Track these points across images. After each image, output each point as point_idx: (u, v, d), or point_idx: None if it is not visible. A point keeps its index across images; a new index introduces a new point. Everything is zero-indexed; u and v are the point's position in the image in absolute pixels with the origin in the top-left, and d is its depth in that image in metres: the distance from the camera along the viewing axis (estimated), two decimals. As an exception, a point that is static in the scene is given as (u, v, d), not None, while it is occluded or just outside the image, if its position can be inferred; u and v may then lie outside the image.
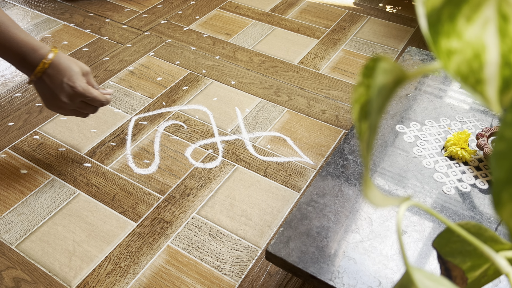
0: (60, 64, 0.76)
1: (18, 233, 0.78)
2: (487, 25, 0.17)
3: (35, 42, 0.75)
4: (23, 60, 0.75)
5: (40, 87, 0.77)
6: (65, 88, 0.76)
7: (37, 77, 0.76)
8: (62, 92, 0.76)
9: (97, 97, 0.79)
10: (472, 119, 0.81)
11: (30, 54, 0.74)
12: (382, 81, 0.19)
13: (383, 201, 0.22)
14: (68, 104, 0.78)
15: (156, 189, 0.86)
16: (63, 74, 0.76)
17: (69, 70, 0.76)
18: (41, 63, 0.74)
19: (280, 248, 0.60)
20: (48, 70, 0.75)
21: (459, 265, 0.33)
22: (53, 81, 0.75)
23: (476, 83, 0.18)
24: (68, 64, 0.76)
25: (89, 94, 0.78)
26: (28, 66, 0.75)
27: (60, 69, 0.75)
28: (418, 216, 0.64)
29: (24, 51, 0.74)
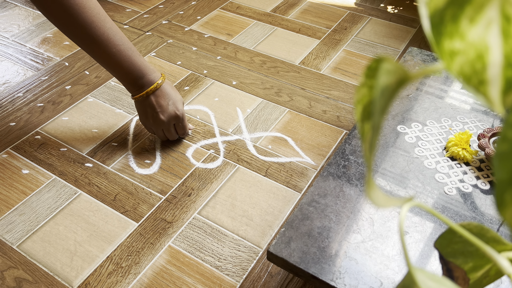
0: (167, 89, 0.88)
1: (20, 233, 0.78)
2: (490, 26, 0.17)
3: (150, 66, 0.86)
4: (137, 81, 0.85)
5: (143, 104, 0.87)
6: (169, 109, 0.88)
7: (148, 94, 0.86)
8: (165, 112, 0.87)
9: (186, 126, 0.93)
10: (474, 119, 0.81)
11: (145, 77, 0.85)
12: (385, 82, 0.19)
13: (386, 202, 0.22)
14: (164, 124, 0.89)
15: (158, 189, 0.86)
16: (169, 97, 0.88)
17: (175, 96, 0.89)
18: (155, 83, 0.85)
19: (281, 249, 0.60)
20: (157, 91, 0.86)
21: (461, 266, 0.33)
22: (160, 101, 0.87)
23: (479, 84, 0.18)
24: (173, 91, 0.89)
25: (184, 121, 0.91)
26: (139, 86, 0.86)
27: (167, 93, 0.87)
28: (420, 216, 0.64)
29: (140, 73, 0.84)
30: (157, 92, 0.86)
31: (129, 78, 0.84)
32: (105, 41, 0.79)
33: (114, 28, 0.80)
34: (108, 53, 0.80)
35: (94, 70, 1.16)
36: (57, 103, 1.06)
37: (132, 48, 0.83)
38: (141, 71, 0.84)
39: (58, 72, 1.15)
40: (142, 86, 0.85)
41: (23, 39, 1.28)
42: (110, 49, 0.80)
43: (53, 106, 1.05)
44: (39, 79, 1.13)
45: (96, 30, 0.77)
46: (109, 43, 0.79)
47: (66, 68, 1.17)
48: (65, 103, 1.06)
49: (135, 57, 0.83)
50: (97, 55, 0.81)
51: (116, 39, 0.80)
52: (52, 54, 1.22)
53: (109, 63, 0.82)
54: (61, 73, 1.15)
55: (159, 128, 0.90)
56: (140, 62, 0.84)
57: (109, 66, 0.83)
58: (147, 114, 0.88)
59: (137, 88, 0.86)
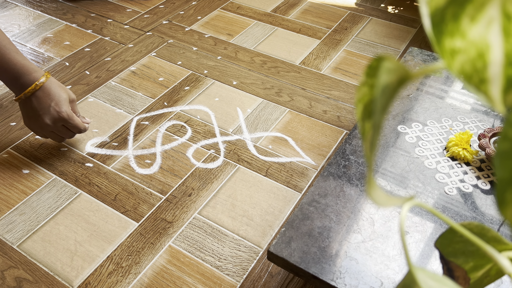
0: (50, 88, 0.81)
1: (20, 233, 0.78)
2: (491, 25, 0.17)
3: (31, 65, 0.81)
4: (16, 80, 0.80)
5: (25, 106, 0.82)
6: (51, 111, 0.82)
7: (26, 96, 0.81)
8: (47, 115, 0.82)
9: (78, 125, 0.86)
10: (474, 119, 0.81)
11: (24, 76, 0.80)
12: (386, 81, 0.19)
13: (387, 201, 0.22)
14: (50, 126, 0.83)
15: (158, 189, 0.86)
16: (51, 98, 0.81)
17: (58, 95, 0.82)
18: (34, 84, 0.80)
19: (281, 248, 0.60)
20: (38, 92, 0.81)
21: (462, 266, 0.33)
22: (41, 103, 0.81)
23: (480, 83, 0.18)
24: (57, 90, 0.82)
25: (72, 121, 0.84)
26: (19, 86, 0.80)
27: (50, 93, 0.81)
28: (420, 216, 0.64)
29: (19, 72, 0.80)
30: (37, 93, 0.81)
31: (6, 78, 0.80)
32: None
33: None
34: None
35: (95, 70, 1.16)
36: (57, 103, 1.06)
37: (9, 46, 0.79)
38: (18, 70, 0.79)
39: (58, 72, 1.15)
40: (22, 87, 0.80)
41: (24, 39, 1.28)
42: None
43: (53, 106, 1.05)
44: (40, 79, 1.13)
45: None
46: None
47: (67, 68, 1.17)
48: (65, 103, 1.06)
49: (11, 55, 0.79)
50: None
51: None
52: (52, 54, 1.22)
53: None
54: (62, 73, 1.15)
55: (46, 132, 0.85)
56: (17, 61, 0.79)
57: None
58: (30, 117, 0.83)
59: (18, 89, 0.81)
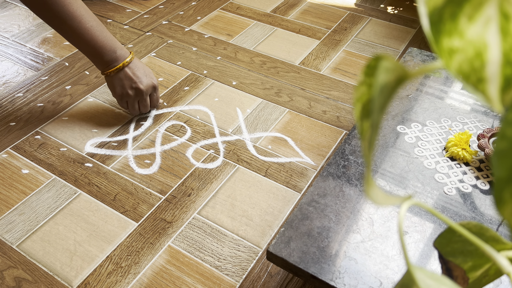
0: (140, 62, 0.94)
1: (20, 233, 0.78)
2: (489, 24, 0.17)
3: (119, 43, 0.91)
4: (110, 56, 0.90)
5: (118, 78, 0.92)
6: (146, 78, 0.94)
7: (123, 67, 0.91)
8: (143, 82, 0.93)
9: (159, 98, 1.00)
10: (473, 119, 0.81)
11: (119, 50, 0.90)
12: (384, 80, 0.19)
13: (385, 200, 0.22)
14: (143, 93, 0.94)
15: (157, 189, 0.86)
16: (143, 69, 0.94)
17: (147, 68, 0.95)
18: (129, 57, 0.92)
19: (281, 248, 0.60)
20: (131, 64, 0.92)
21: (460, 265, 0.33)
22: (135, 73, 0.92)
23: (477, 82, 0.18)
24: (145, 65, 0.96)
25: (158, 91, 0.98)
26: (111, 61, 0.90)
27: (141, 65, 0.94)
28: (419, 216, 0.64)
29: (113, 48, 0.90)
30: (131, 64, 0.92)
31: (102, 53, 0.89)
32: (77, 18, 0.84)
33: (84, 6, 0.86)
34: (82, 29, 0.85)
35: (94, 70, 1.16)
36: (57, 103, 1.06)
37: (102, 25, 0.88)
38: (113, 46, 0.89)
39: (58, 72, 1.15)
40: (116, 60, 0.90)
41: (23, 39, 1.28)
42: (83, 25, 0.85)
43: (53, 106, 1.05)
44: (39, 79, 1.13)
45: (67, 7, 0.82)
46: (83, 19, 0.84)
47: (66, 68, 1.17)
48: (65, 103, 1.06)
49: (105, 34, 0.88)
50: (71, 32, 0.85)
51: (88, 15, 0.85)
52: (52, 54, 1.22)
53: (83, 39, 0.86)
54: (61, 73, 1.15)
55: (135, 100, 0.95)
56: (111, 38, 0.89)
57: (82, 42, 0.87)
58: (124, 86, 0.93)
59: (109, 63, 0.90)
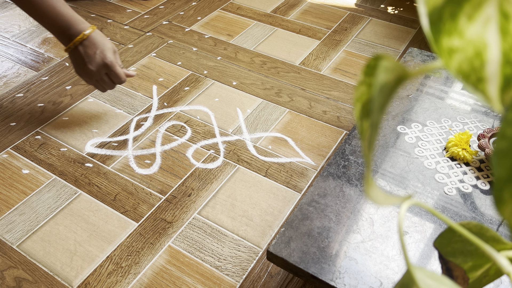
0: (96, 38, 0.88)
1: (20, 233, 0.78)
2: (489, 24, 0.17)
3: (78, 17, 0.87)
4: (66, 31, 0.86)
5: (74, 55, 0.89)
6: (96, 58, 0.88)
7: (75, 45, 0.87)
8: (92, 61, 0.88)
9: (120, 74, 0.91)
10: (474, 120, 0.81)
11: (72, 26, 0.86)
12: (384, 79, 0.19)
13: (385, 200, 0.22)
14: (94, 73, 0.89)
15: (158, 189, 0.86)
16: (97, 46, 0.88)
17: (103, 44, 0.88)
18: (81, 34, 0.86)
19: (281, 249, 0.60)
20: (85, 41, 0.87)
21: (461, 265, 0.33)
22: (87, 51, 0.87)
23: (477, 82, 0.18)
24: (102, 39, 0.89)
25: (114, 68, 0.90)
26: (68, 36, 0.87)
27: (96, 42, 0.88)
28: (419, 217, 0.64)
29: (68, 23, 0.86)
30: (84, 42, 0.87)
31: (56, 29, 0.87)
32: None
33: None
34: (33, 3, 0.83)
35: (95, 71, 1.16)
36: (57, 103, 1.06)
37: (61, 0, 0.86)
38: (67, 21, 0.86)
39: (58, 73, 1.16)
40: (70, 37, 0.87)
41: (24, 39, 1.28)
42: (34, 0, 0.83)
43: (53, 106, 1.05)
44: (40, 79, 1.13)
45: None
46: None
47: (67, 68, 1.17)
48: (65, 103, 1.06)
49: (60, 8, 0.85)
50: (24, 6, 0.85)
51: None
52: (52, 55, 1.22)
53: (35, 14, 0.85)
54: (62, 74, 1.15)
55: (92, 79, 0.91)
56: (65, 12, 0.86)
57: (36, 17, 0.86)
58: (78, 65, 0.90)
59: (67, 39, 0.88)
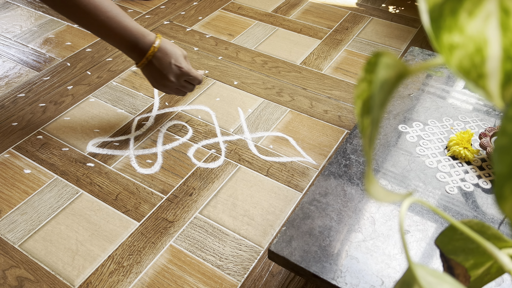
0: (166, 48, 0.86)
1: (22, 233, 0.79)
2: (489, 19, 0.17)
3: (142, 29, 0.85)
4: (135, 47, 0.84)
5: (148, 70, 0.87)
6: (173, 68, 0.87)
7: (148, 60, 0.85)
8: (170, 72, 0.87)
9: (197, 76, 0.91)
10: (475, 118, 0.81)
11: (140, 40, 0.84)
12: (384, 76, 0.19)
13: (385, 196, 0.22)
14: (174, 83, 0.89)
15: (159, 189, 0.86)
16: (170, 56, 0.86)
17: (175, 53, 0.87)
18: (152, 47, 0.84)
19: (282, 247, 0.60)
20: (157, 53, 0.85)
21: (462, 263, 0.33)
22: (162, 63, 0.86)
23: (478, 78, 0.18)
24: (172, 48, 0.87)
25: (192, 73, 0.90)
26: (138, 51, 0.85)
27: (167, 52, 0.86)
28: (421, 215, 0.64)
29: (136, 38, 0.83)
30: (157, 54, 0.85)
31: (125, 45, 0.84)
32: (93, 9, 0.79)
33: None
34: (98, 21, 0.80)
35: (96, 71, 1.16)
36: (59, 103, 1.06)
37: (121, 13, 0.82)
38: (135, 35, 0.83)
39: (60, 73, 1.16)
40: (141, 51, 0.85)
41: (25, 39, 1.28)
42: (99, 17, 0.79)
43: (55, 106, 1.05)
44: (41, 80, 1.13)
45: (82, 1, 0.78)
46: (97, 11, 0.79)
47: (68, 68, 1.17)
48: (67, 103, 1.06)
49: (125, 22, 0.82)
50: (88, 25, 0.81)
51: (103, 6, 0.80)
52: (54, 55, 1.22)
53: (101, 32, 0.82)
54: (63, 73, 1.15)
55: (171, 90, 0.91)
56: (131, 26, 0.83)
57: (102, 35, 0.83)
58: (156, 79, 0.88)
59: (137, 54, 0.85)
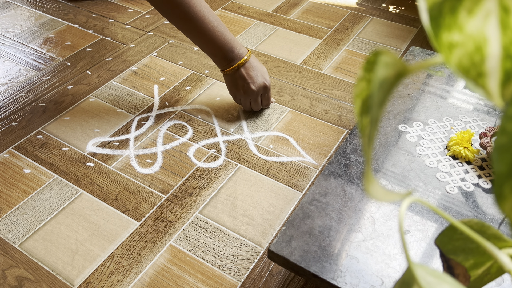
0: (255, 62, 0.96)
1: (21, 232, 0.79)
2: (489, 18, 0.17)
3: (238, 41, 0.94)
4: (228, 55, 0.92)
5: (234, 76, 0.95)
6: (259, 79, 0.95)
7: (239, 67, 0.93)
8: (255, 82, 0.95)
9: (270, 97, 1.01)
10: (475, 118, 0.81)
11: (236, 50, 0.93)
12: (383, 75, 0.19)
13: (385, 196, 0.22)
14: (254, 93, 0.96)
15: (159, 189, 0.86)
16: (258, 69, 0.96)
17: (262, 68, 0.97)
18: (242, 59, 0.93)
19: (282, 247, 0.60)
20: (247, 64, 0.94)
21: (462, 263, 0.33)
22: (249, 73, 0.94)
23: (477, 76, 0.18)
24: (260, 64, 0.97)
25: (269, 91, 0.99)
26: (229, 59, 0.93)
27: (256, 65, 0.96)
28: (421, 215, 0.64)
29: (232, 48, 0.92)
30: (246, 64, 0.93)
31: (221, 53, 0.92)
32: (201, 18, 0.87)
33: (207, 6, 0.89)
34: (203, 29, 0.89)
35: (96, 70, 1.16)
36: (59, 102, 1.06)
37: (222, 24, 0.91)
38: (232, 45, 0.92)
39: (60, 72, 1.16)
40: (233, 60, 0.93)
41: (26, 39, 1.28)
42: (205, 25, 0.88)
43: (55, 105, 1.05)
44: (41, 79, 1.13)
45: (193, 8, 0.86)
46: (204, 20, 0.88)
47: (68, 68, 1.17)
48: (67, 103, 1.06)
49: (226, 33, 0.91)
50: (192, 31, 0.90)
51: (209, 16, 0.88)
52: (54, 54, 1.22)
53: (203, 39, 0.91)
54: (63, 73, 1.15)
55: (247, 99, 0.97)
56: (230, 38, 0.92)
57: (202, 42, 0.91)
58: (237, 85, 0.95)
59: (227, 62, 0.93)
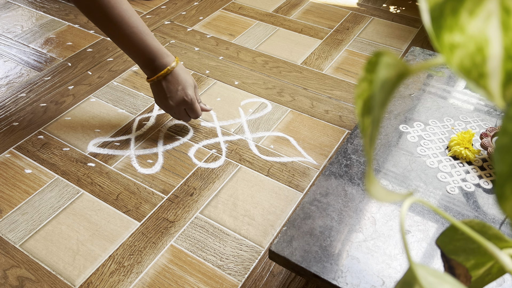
0: (179, 73, 0.88)
1: (23, 232, 0.79)
2: (490, 19, 0.17)
3: (164, 50, 0.87)
4: (151, 64, 0.87)
5: (156, 87, 0.89)
6: (178, 94, 0.88)
7: (158, 79, 0.88)
8: (174, 97, 0.89)
9: (197, 110, 0.93)
10: (476, 119, 0.81)
11: (158, 59, 0.86)
12: (385, 76, 0.19)
13: (386, 196, 0.22)
14: (173, 108, 0.90)
15: (160, 189, 0.86)
16: (179, 83, 0.88)
17: (185, 81, 0.89)
18: (166, 69, 0.87)
19: (283, 247, 0.60)
20: (169, 76, 0.87)
21: (463, 263, 0.33)
22: (169, 87, 0.88)
23: (479, 77, 0.18)
24: (185, 76, 0.89)
25: (193, 105, 0.91)
26: (152, 68, 0.87)
27: (179, 78, 0.88)
28: (422, 215, 0.64)
29: (154, 56, 0.86)
30: (168, 77, 0.87)
31: (142, 60, 0.87)
32: (119, 22, 0.82)
33: (130, 11, 0.83)
34: (122, 34, 0.83)
35: (97, 71, 1.16)
36: (59, 103, 1.06)
37: (146, 31, 0.85)
38: (154, 54, 0.86)
39: (61, 73, 1.16)
40: (155, 69, 0.87)
41: (26, 39, 1.28)
42: (124, 31, 0.83)
43: (56, 106, 1.05)
44: (42, 79, 1.13)
45: (112, 11, 0.81)
46: (124, 25, 0.82)
47: (69, 68, 1.17)
48: (67, 103, 1.06)
49: (148, 40, 0.85)
50: (112, 35, 0.85)
51: (131, 21, 0.83)
52: (55, 55, 1.22)
53: (123, 44, 0.85)
54: (64, 73, 1.15)
55: (170, 111, 0.93)
56: (153, 46, 0.86)
57: (123, 47, 0.86)
58: (160, 97, 0.91)
59: (150, 71, 0.88)
